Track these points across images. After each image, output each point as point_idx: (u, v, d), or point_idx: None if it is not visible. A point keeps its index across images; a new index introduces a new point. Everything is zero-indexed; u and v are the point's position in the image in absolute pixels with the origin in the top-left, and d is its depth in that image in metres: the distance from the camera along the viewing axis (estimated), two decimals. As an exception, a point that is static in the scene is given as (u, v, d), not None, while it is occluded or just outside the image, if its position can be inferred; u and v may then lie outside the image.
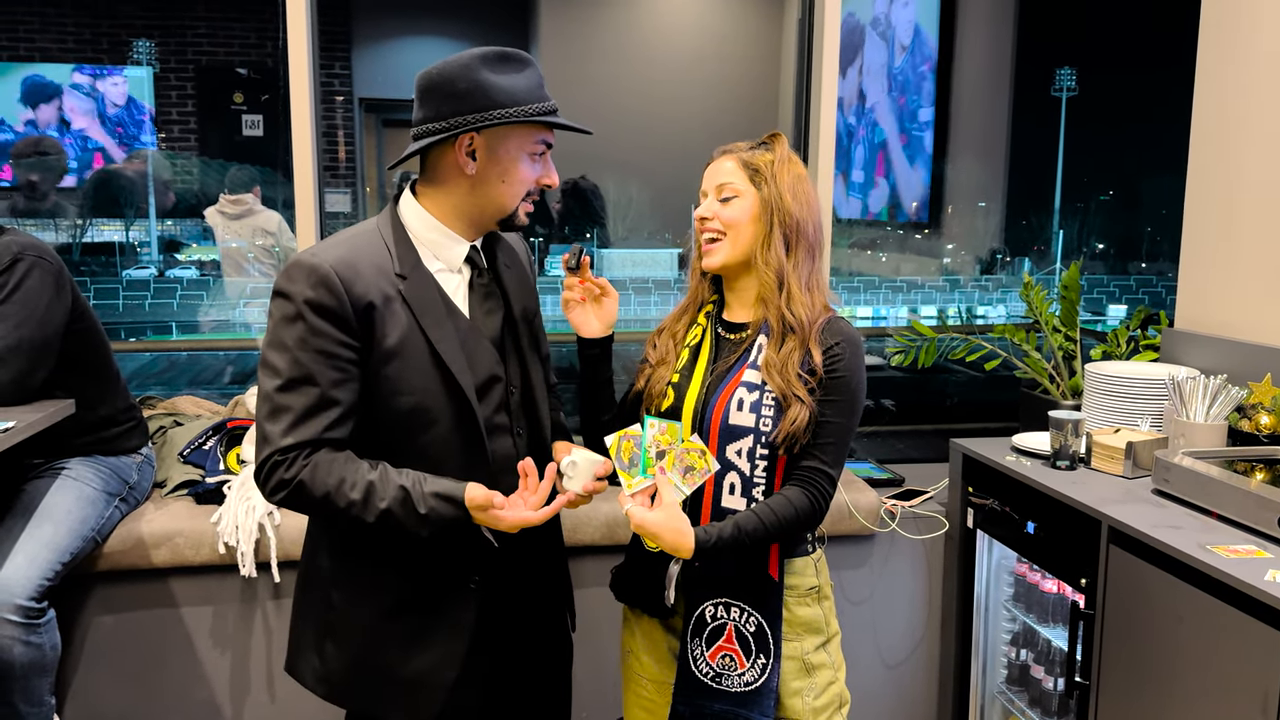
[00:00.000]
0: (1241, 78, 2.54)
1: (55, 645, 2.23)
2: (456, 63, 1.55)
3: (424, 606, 1.63)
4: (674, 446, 1.60)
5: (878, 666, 2.73)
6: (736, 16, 6.77)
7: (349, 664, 1.64)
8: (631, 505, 1.58)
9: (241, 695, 2.52)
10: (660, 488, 1.58)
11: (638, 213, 7.52)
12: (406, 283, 1.56)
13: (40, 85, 6.62)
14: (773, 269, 1.69)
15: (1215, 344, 2.53)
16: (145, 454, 2.54)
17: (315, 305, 1.48)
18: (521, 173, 1.59)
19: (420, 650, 1.63)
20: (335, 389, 1.50)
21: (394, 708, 1.64)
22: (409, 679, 1.63)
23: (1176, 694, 1.82)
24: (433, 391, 1.56)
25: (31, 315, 2.24)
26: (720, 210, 1.71)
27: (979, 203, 9.35)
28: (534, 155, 1.60)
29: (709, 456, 1.60)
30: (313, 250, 1.54)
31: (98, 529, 2.33)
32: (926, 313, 8.93)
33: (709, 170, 1.76)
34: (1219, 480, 1.96)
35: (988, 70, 8.72)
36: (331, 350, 1.49)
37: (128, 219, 7.50)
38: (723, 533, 1.59)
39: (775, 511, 1.62)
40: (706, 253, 1.73)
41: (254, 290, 5.69)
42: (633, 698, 1.89)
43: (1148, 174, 9.43)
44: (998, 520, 2.40)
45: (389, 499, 1.50)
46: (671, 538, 1.56)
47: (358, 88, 6.75)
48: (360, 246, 1.56)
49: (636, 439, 1.62)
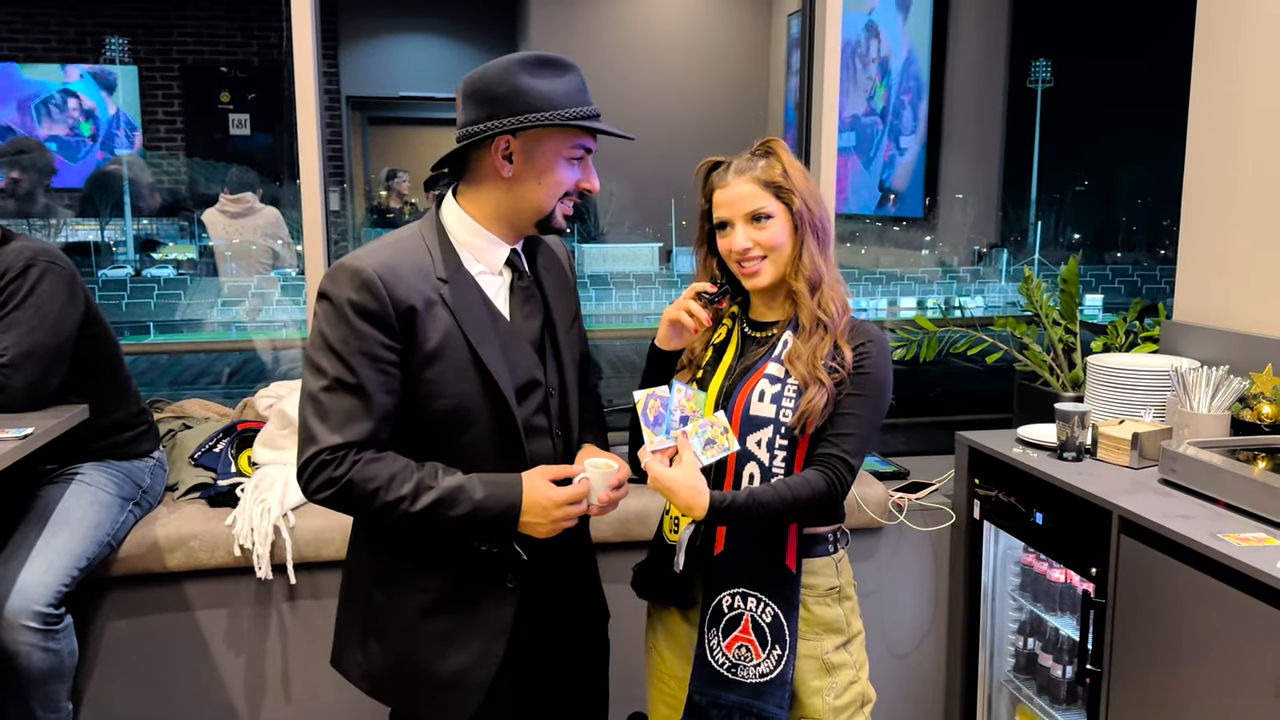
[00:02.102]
0: (1240, 66, 2.57)
1: (73, 651, 2.23)
2: (496, 67, 1.57)
3: (461, 606, 1.65)
4: (698, 415, 1.63)
5: (886, 657, 2.77)
6: (721, 13, 6.79)
7: (390, 662, 1.67)
8: (650, 459, 1.60)
9: (257, 698, 2.52)
10: (681, 449, 1.61)
11: (619, 208, 7.53)
12: (448, 286, 1.58)
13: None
14: (806, 274, 1.72)
15: (1215, 335, 2.57)
16: (157, 457, 2.54)
17: (358, 308, 1.51)
18: (558, 175, 1.60)
19: (458, 650, 1.64)
20: (379, 390, 1.53)
21: (432, 706, 1.66)
22: (446, 678, 1.64)
23: (1188, 680, 1.86)
24: (472, 393, 1.58)
25: (45, 321, 2.24)
26: (759, 236, 1.72)
27: (957, 195, 9.42)
28: (572, 159, 1.61)
29: (730, 435, 1.62)
30: (356, 254, 1.56)
31: (113, 534, 2.33)
32: (906, 304, 8.99)
33: (723, 197, 1.74)
34: (1225, 469, 2.00)
35: (976, 64, 8.77)
36: (375, 352, 1.52)
37: (103, 219, 7.43)
38: (736, 498, 1.60)
39: (791, 488, 1.63)
40: (750, 274, 1.74)
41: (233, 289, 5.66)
42: (656, 694, 1.91)
43: (1122, 164, 9.53)
44: (1004, 511, 2.44)
45: (439, 491, 1.53)
46: (688, 494, 1.57)
47: (344, 86, 6.72)
48: (403, 250, 1.58)
49: (664, 399, 1.64)
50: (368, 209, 7.46)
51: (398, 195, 6.69)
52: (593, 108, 1.61)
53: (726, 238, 1.75)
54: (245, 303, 5.65)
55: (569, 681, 1.85)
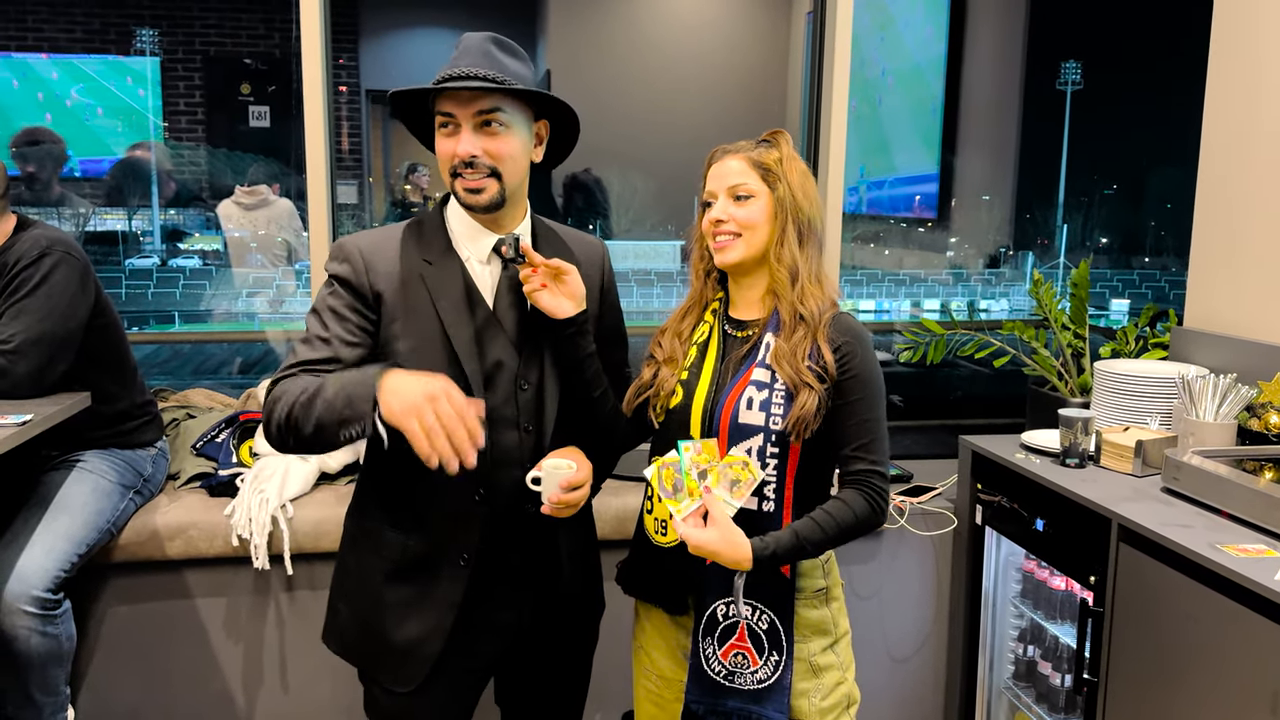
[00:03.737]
0: (1253, 75, 2.55)
1: (71, 636, 2.25)
2: None
3: (420, 577, 1.68)
4: (714, 464, 1.62)
5: (886, 661, 2.75)
6: (743, 10, 6.76)
7: (354, 624, 1.74)
8: (685, 528, 1.59)
9: (254, 686, 2.54)
10: (709, 506, 1.60)
11: (641, 205, 7.52)
12: (430, 266, 1.64)
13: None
14: (786, 265, 1.71)
15: (1224, 343, 2.54)
16: (160, 447, 2.56)
17: (339, 277, 1.63)
18: (438, 148, 1.63)
19: (412, 620, 1.68)
20: (343, 346, 1.60)
21: (385, 671, 1.71)
22: (401, 645, 1.68)
23: (1185, 692, 1.83)
24: (439, 371, 1.57)
25: (55, 309, 2.27)
26: (735, 211, 1.71)
27: (983, 196, 9.35)
28: (440, 129, 1.62)
29: (752, 466, 1.62)
30: (356, 234, 1.68)
31: (113, 521, 2.35)
32: (930, 307, 8.94)
33: (715, 171, 1.75)
34: (1229, 479, 1.97)
35: (996, 64, 8.70)
36: (344, 314, 1.61)
37: (130, 209, 7.51)
38: (780, 541, 1.60)
39: (834, 516, 1.63)
40: (720, 249, 1.73)
41: (257, 280, 5.70)
42: (642, 692, 1.91)
43: (1152, 168, 9.42)
44: (1006, 517, 2.42)
45: (326, 380, 1.50)
46: (730, 552, 1.57)
47: (365, 79, 6.75)
48: (395, 233, 1.68)
49: (675, 465, 1.63)
50: (390, 203, 7.50)
51: (418, 189, 6.71)
52: (455, 70, 1.57)
53: (708, 213, 1.75)
54: (267, 294, 5.70)
55: (545, 668, 1.87)
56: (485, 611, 1.73)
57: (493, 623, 1.74)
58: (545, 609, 1.79)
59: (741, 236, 1.72)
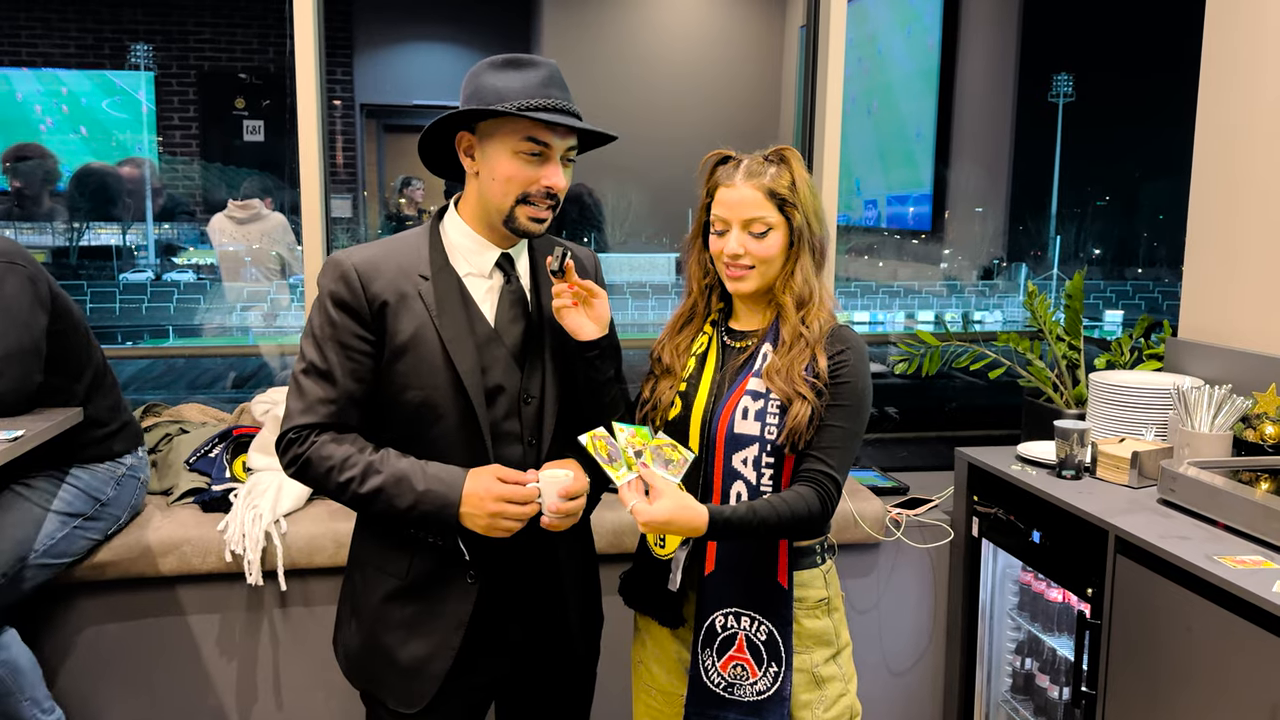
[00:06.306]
0: (1246, 85, 2.55)
1: (16, 667, 2.16)
2: (473, 67, 1.63)
3: (425, 595, 1.68)
4: (647, 446, 1.61)
5: (883, 674, 2.74)
6: (737, 22, 6.79)
7: (360, 642, 1.73)
8: (635, 502, 1.53)
9: (248, 704, 2.52)
10: (649, 480, 1.56)
11: (636, 217, 7.53)
12: (428, 282, 1.62)
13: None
14: (796, 290, 1.70)
15: (1219, 353, 2.54)
16: (130, 463, 2.40)
17: (335, 298, 1.60)
18: (507, 170, 1.59)
19: (418, 638, 1.67)
20: (347, 376, 1.60)
21: (390, 692, 1.70)
22: (406, 665, 1.68)
23: (1183, 704, 1.82)
24: (441, 388, 1.61)
25: (15, 321, 2.15)
26: (753, 247, 1.69)
27: (976, 208, 9.38)
28: (521, 153, 1.58)
29: (681, 448, 1.61)
30: (348, 250, 1.65)
31: (46, 550, 2.21)
32: (924, 318, 8.96)
33: (729, 196, 1.70)
34: (1225, 490, 1.97)
35: (988, 76, 8.74)
36: (346, 340, 1.60)
37: (124, 223, 7.50)
38: (736, 510, 1.58)
39: (787, 502, 1.61)
40: (735, 279, 1.72)
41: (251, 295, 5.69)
42: (642, 707, 1.90)
43: (1144, 179, 9.46)
44: (1003, 529, 2.41)
45: (385, 475, 1.57)
46: (685, 518, 1.53)
47: (359, 93, 6.76)
48: (392, 248, 1.65)
49: (608, 439, 1.60)
50: (384, 216, 7.50)
51: (412, 202, 6.72)
52: (551, 101, 1.57)
53: (721, 239, 1.72)
54: (261, 308, 5.69)
55: (548, 686, 1.85)
56: (492, 629, 1.72)
57: (499, 640, 1.73)
58: (548, 625, 1.79)
59: (756, 269, 1.71)
